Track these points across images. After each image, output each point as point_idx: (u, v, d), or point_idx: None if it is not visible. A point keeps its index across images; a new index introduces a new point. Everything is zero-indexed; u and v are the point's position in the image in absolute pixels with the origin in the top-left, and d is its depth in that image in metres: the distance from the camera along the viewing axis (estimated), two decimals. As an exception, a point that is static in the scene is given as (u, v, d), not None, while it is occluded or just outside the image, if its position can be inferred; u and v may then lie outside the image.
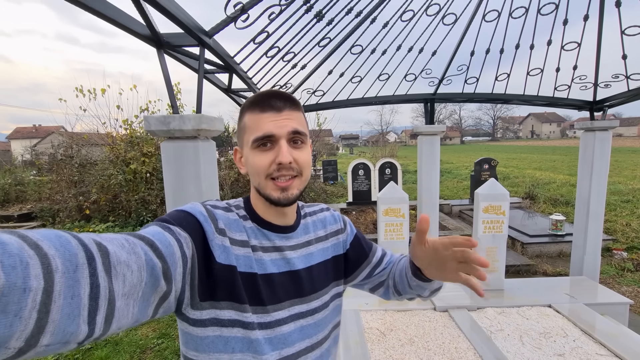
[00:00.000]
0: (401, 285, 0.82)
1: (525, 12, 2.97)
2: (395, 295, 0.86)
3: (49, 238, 0.36)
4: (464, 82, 3.54)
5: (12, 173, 10.84)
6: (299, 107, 0.70)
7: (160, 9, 1.36)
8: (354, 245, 0.85)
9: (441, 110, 62.36)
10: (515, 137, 77.31)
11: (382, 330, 2.74)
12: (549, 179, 11.68)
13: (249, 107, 0.68)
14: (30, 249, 0.33)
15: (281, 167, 0.65)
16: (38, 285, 0.32)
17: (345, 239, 0.84)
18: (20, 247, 0.32)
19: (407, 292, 0.82)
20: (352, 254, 0.84)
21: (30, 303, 0.31)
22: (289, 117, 0.66)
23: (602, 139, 3.38)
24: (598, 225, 3.52)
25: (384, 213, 3.33)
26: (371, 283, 0.87)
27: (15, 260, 0.31)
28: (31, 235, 0.35)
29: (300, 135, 0.67)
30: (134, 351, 3.06)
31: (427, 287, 0.78)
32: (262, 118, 0.66)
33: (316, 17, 2.47)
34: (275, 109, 0.66)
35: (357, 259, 0.84)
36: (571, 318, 2.79)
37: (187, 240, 0.57)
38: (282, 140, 0.65)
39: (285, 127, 0.65)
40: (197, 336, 0.62)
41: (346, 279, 0.84)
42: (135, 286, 0.44)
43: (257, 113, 0.67)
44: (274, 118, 0.65)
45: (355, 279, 0.85)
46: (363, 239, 0.88)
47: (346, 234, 0.85)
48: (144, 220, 7.26)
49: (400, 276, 0.82)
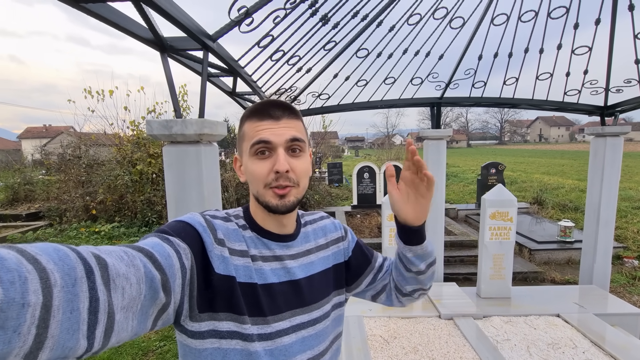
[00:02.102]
0: (399, 277, 0.81)
1: (535, 16, 2.92)
2: (397, 295, 0.85)
3: (47, 252, 0.35)
4: (472, 86, 3.49)
5: (22, 172, 11.00)
6: (298, 116, 0.70)
7: (163, 13, 1.35)
8: (355, 253, 0.84)
9: (448, 113, 61.98)
10: (523, 141, 76.45)
11: (386, 337, 2.69)
12: (557, 183, 11.49)
13: (248, 116, 0.69)
14: (29, 264, 0.33)
15: (278, 175, 0.64)
16: (37, 300, 0.32)
17: (347, 247, 0.83)
18: (18, 261, 0.32)
19: (406, 280, 0.80)
20: (354, 261, 0.83)
21: (29, 318, 0.31)
22: (287, 125, 0.67)
23: (613, 144, 3.30)
24: (609, 233, 3.44)
25: (389, 218, 3.29)
26: (374, 289, 0.86)
27: (13, 275, 0.31)
28: (29, 249, 0.34)
29: (298, 143, 0.67)
30: (136, 353, 3.05)
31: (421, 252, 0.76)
32: (260, 126, 0.66)
33: (321, 20, 2.45)
34: (273, 117, 0.66)
35: (360, 266, 0.83)
36: (580, 329, 2.72)
37: (186, 251, 0.57)
38: (280, 148, 0.65)
39: (283, 135, 0.65)
40: (195, 349, 0.61)
41: (349, 287, 0.84)
42: (134, 299, 0.44)
43: (255, 121, 0.67)
44: (272, 126, 0.66)
45: (358, 286, 0.84)
46: (364, 246, 0.88)
47: (347, 241, 0.84)
48: (149, 220, 7.31)
49: (396, 267, 0.81)
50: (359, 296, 0.89)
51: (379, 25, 2.89)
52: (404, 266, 0.78)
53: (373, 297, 0.88)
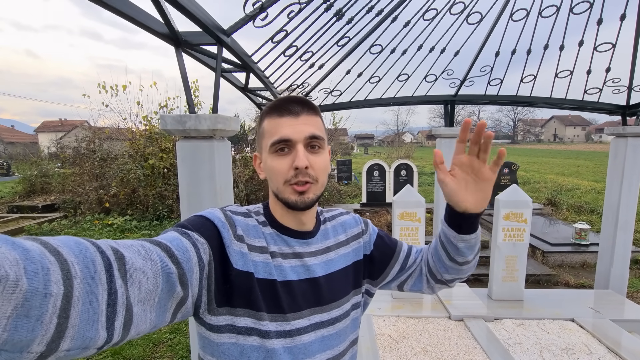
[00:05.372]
0: (439, 264, 0.78)
1: (557, 11, 2.83)
2: (429, 282, 0.83)
3: (68, 245, 0.37)
4: (487, 84, 3.41)
5: (39, 165, 11.30)
6: (317, 112, 0.70)
7: (179, 8, 1.35)
8: (377, 245, 0.82)
9: (459, 111, 61.05)
10: (537, 140, 74.85)
11: (395, 337, 2.67)
12: (572, 185, 11.22)
13: (267, 112, 0.69)
14: (51, 255, 0.34)
15: (298, 172, 0.64)
16: (58, 290, 0.33)
17: (368, 240, 0.82)
18: (41, 253, 0.33)
19: (447, 269, 0.77)
20: (377, 253, 0.81)
21: (51, 308, 0.32)
22: (306, 122, 0.66)
23: (634, 145, 3.19)
24: (627, 236, 3.34)
25: (399, 217, 3.25)
26: (399, 279, 0.84)
27: (37, 266, 0.32)
28: (52, 242, 0.36)
29: (317, 140, 0.67)
30: (147, 345, 3.11)
31: (474, 242, 0.73)
32: (280, 123, 0.66)
33: (336, 15, 2.42)
34: (293, 113, 0.66)
35: (384, 258, 0.82)
36: (596, 334, 2.65)
37: (204, 245, 0.58)
38: (299, 144, 0.65)
39: (302, 132, 0.65)
40: (213, 341, 0.62)
41: (375, 280, 0.82)
42: (150, 292, 0.45)
43: (275, 118, 0.67)
44: (292, 123, 0.65)
45: (385, 278, 0.83)
46: (386, 237, 0.86)
47: (368, 234, 0.83)
48: (161, 214, 7.42)
49: (437, 255, 0.78)
50: (385, 287, 0.87)
51: (393, 20, 2.84)
52: (447, 256, 0.75)
53: (399, 286, 0.86)
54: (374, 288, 0.84)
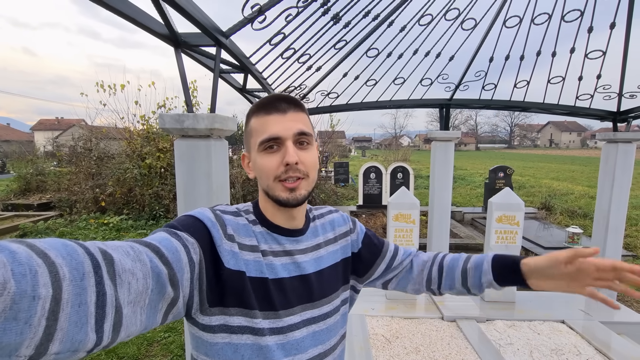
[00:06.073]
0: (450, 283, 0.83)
1: (549, 19, 2.89)
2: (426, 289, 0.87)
3: (55, 247, 0.36)
4: (482, 88, 3.47)
5: (34, 163, 11.23)
6: (303, 109, 0.71)
7: (179, 9, 1.38)
8: (365, 243, 0.85)
9: (457, 116, 61.56)
10: (533, 146, 75.38)
11: (388, 337, 2.70)
12: (566, 189, 11.33)
13: (254, 111, 0.69)
14: (39, 258, 0.33)
15: (288, 168, 0.65)
16: (47, 293, 0.33)
17: (356, 239, 0.84)
18: (28, 255, 0.33)
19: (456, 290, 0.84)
20: (365, 251, 0.84)
21: (40, 310, 0.32)
22: (294, 118, 0.67)
23: (625, 151, 3.25)
24: (618, 240, 3.39)
25: (394, 218, 3.29)
26: (384, 278, 0.88)
27: (24, 269, 0.32)
28: (39, 244, 0.35)
29: (305, 136, 0.68)
30: (141, 343, 3.11)
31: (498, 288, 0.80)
32: (268, 120, 0.67)
33: (333, 19, 2.46)
34: (280, 110, 0.67)
35: (371, 257, 0.85)
36: (585, 336, 2.69)
37: (195, 245, 0.57)
38: (288, 141, 0.66)
39: (291, 129, 0.66)
40: (207, 341, 0.62)
41: (361, 278, 0.85)
42: (140, 294, 0.45)
43: (262, 116, 0.68)
44: (280, 120, 0.66)
45: (371, 276, 0.86)
46: (374, 236, 0.89)
47: (356, 233, 0.85)
48: (157, 214, 7.40)
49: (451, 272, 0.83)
50: (370, 285, 0.90)
51: (390, 25, 2.89)
52: (463, 282, 0.82)
53: (384, 285, 0.90)
54: (360, 285, 0.86)
